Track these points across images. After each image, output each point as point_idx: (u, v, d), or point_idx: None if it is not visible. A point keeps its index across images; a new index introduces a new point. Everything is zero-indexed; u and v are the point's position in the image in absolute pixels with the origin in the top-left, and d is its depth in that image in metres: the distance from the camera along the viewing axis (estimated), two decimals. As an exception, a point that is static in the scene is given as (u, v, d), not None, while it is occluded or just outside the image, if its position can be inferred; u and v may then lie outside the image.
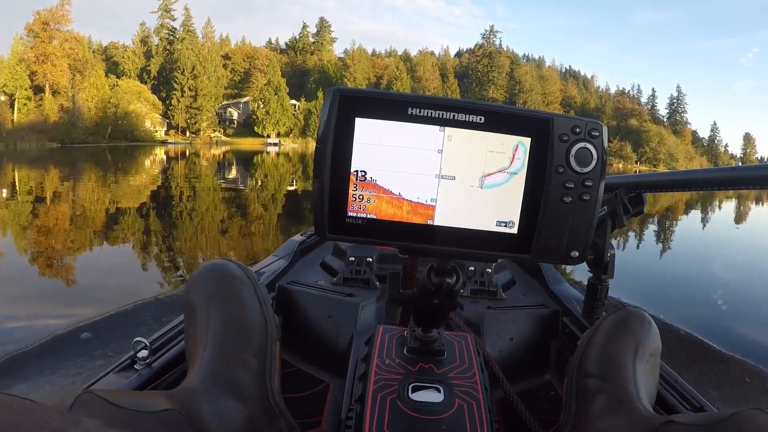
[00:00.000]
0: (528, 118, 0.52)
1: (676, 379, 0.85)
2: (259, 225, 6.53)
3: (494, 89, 68.33)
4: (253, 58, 62.19)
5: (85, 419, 0.42)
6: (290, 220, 7.32)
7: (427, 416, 0.65)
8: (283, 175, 16.61)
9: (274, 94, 54.12)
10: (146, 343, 0.81)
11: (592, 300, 1.06)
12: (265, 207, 8.43)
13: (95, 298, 3.07)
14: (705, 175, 0.87)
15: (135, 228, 5.75)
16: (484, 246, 0.55)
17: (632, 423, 0.61)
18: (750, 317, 3.80)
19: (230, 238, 5.70)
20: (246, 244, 5.45)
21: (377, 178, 0.53)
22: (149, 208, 7.47)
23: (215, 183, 12.43)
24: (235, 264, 0.77)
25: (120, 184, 10.66)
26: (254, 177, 14.84)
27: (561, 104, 73.02)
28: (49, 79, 38.28)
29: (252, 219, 6.97)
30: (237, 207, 8.16)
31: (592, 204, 0.53)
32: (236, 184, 12.75)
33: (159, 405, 0.52)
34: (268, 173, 17.06)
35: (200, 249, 5.03)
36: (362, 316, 1.09)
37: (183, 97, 49.52)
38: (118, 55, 53.28)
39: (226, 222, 6.66)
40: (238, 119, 58.08)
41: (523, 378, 1.07)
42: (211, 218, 6.79)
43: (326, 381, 1.03)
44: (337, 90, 0.52)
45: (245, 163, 22.27)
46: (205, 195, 9.19)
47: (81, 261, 4.20)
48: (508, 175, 0.53)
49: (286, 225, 6.84)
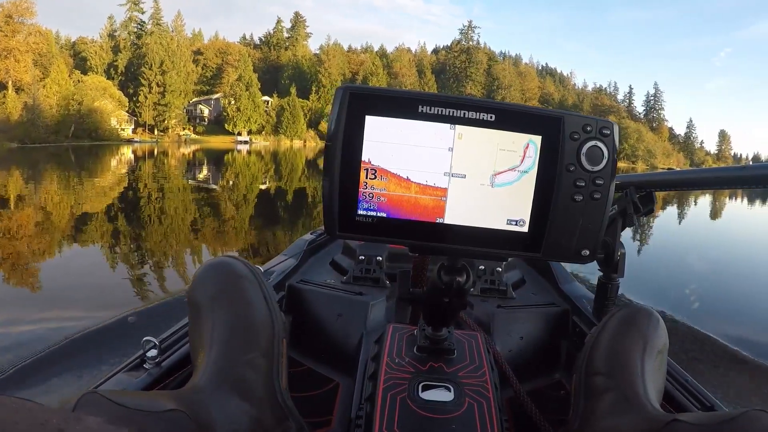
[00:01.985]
0: (539, 117, 0.52)
1: (685, 378, 0.86)
2: (231, 229, 6.43)
3: (472, 85, 68.99)
4: (225, 54, 61.46)
5: (88, 418, 0.42)
6: (266, 222, 7.26)
7: (437, 415, 0.66)
8: (255, 175, 16.46)
9: (246, 90, 53.42)
10: (156, 342, 0.81)
11: (602, 299, 1.07)
12: (237, 207, 8.36)
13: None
14: (715, 174, 0.88)
15: (99, 235, 5.60)
16: (495, 245, 0.55)
17: (639, 421, 0.61)
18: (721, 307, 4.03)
19: (203, 240, 5.65)
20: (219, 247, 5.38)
21: (387, 176, 0.53)
22: (114, 212, 7.30)
23: (183, 185, 12.27)
24: (240, 262, 0.77)
25: (85, 187, 10.36)
26: (224, 178, 14.68)
27: (539, 101, 74.00)
28: (12, 75, 37.15)
29: (223, 224, 6.87)
30: (203, 214, 8.02)
31: (603, 203, 0.54)
32: (207, 185, 12.63)
33: (164, 405, 0.52)
34: (239, 172, 16.87)
35: (167, 254, 4.94)
36: (372, 315, 1.10)
37: (151, 93, 48.48)
38: (87, 50, 52.08)
39: (198, 226, 6.57)
40: (208, 116, 57.30)
41: (533, 377, 1.09)
42: (180, 224, 6.68)
43: (336, 380, 1.05)
44: (347, 88, 0.52)
45: (215, 162, 21.81)
46: (170, 201, 9.02)
47: (39, 268, 4.11)
48: (519, 174, 0.53)
49: (261, 227, 6.79)
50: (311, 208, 8.80)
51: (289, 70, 64.49)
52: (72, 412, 0.45)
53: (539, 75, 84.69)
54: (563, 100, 77.98)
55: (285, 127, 56.26)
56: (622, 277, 1.04)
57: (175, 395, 0.57)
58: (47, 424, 0.39)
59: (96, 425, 0.43)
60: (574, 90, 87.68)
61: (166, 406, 0.52)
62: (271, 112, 57.69)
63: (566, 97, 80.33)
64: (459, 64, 72.46)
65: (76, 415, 0.44)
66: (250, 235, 6.15)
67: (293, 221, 7.45)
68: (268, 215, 7.97)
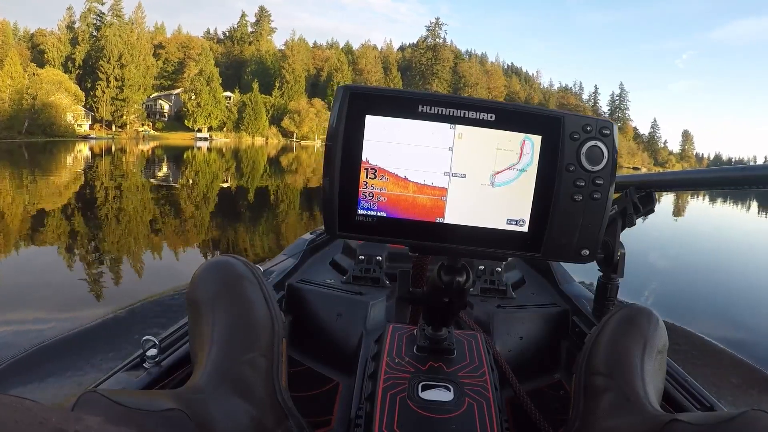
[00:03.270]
0: (539, 116, 0.53)
1: (684, 378, 0.87)
2: (190, 229, 6.26)
3: (438, 82, 69.55)
4: (188, 48, 60.53)
5: (87, 417, 0.43)
6: (227, 222, 7.10)
7: (437, 415, 0.66)
8: (216, 173, 15.89)
9: (206, 85, 52.52)
10: (155, 342, 0.81)
11: (602, 299, 1.08)
12: (196, 207, 8.16)
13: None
14: (716, 175, 0.89)
15: (54, 235, 5.35)
16: (495, 244, 0.56)
17: (639, 421, 0.62)
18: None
19: (161, 239, 5.53)
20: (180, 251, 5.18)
21: (387, 176, 0.54)
22: (69, 211, 6.97)
23: (139, 185, 11.86)
24: (240, 261, 0.78)
25: (39, 185, 9.92)
26: (184, 176, 14.03)
27: (506, 99, 75.66)
28: (-36, 68, 35.87)
29: (183, 222, 6.66)
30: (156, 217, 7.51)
31: (603, 203, 0.54)
32: (164, 186, 12.25)
33: (164, 404, 0.52)
34: (199, 170, 16.39)
35: (124, 254, 4.76)
36: (372, 315, 1.11)
37: (108, 87, 47.30)
38: (45, 42, 50.57)
39: (156, 226, 6.34)
40: (169, 112, 56.11)
41: (533, 377, 1.09)
42: (137, 223, 6.45)
43: (336, 380, 1.05)
44: (347, 88, 0.52)
45: (173, 160, 21.01)
46: (122, 201, 8.52)
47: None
48: (518, 172, 0.54)
49: (222, 226, 6.68)
50: (274, 208, 8.72)
51: (253, 65, 64.06)
52: (71, 411, 0.45)
53: (505, 74, 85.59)
54: (529, 98, 79.14)
55: (246, 124, 55.65)
56: (621, 277, 1.05)
57: (174, 395, 0.57)
58: (46, 423, 0.39)
59: (95, 424, 0.43)
60: (540, 89, 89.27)
61: (165, 406, 0.52)
62: (232, 108, 56.90)
63: (532, 96, 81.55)
64: (425, 61, 72.98)
65: (76, 414, 0.44)
66: (210, 235, 6.04)
67: (255, 221, 7.27)
68: (229, 216, 7.71)
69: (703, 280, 5.16)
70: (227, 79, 59.75)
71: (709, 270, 5.77)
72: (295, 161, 25.65)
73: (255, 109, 55.98)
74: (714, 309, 3.95)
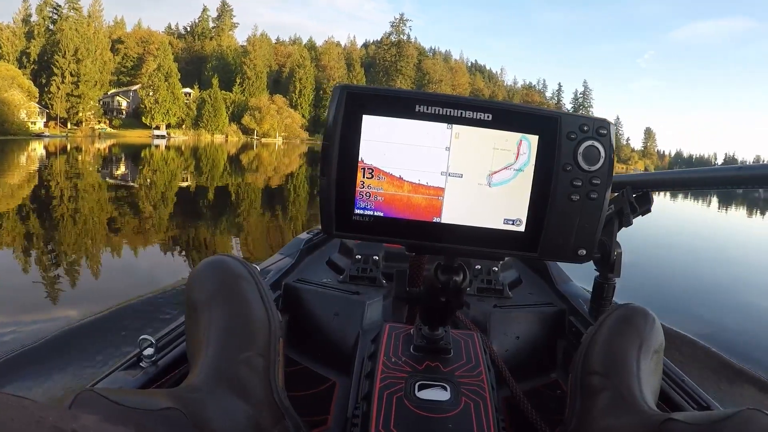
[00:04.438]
0: (535, 116, 0.53)
1: (681, 378, 0.88)
2: (149, 229, 6.13)
3: (402, 79, 69.86)
4: (147, 43, 59.41)
5: (84, 416, 0.43)
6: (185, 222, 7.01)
7: (434, 414, 0.66)
8: (174, 172, 15.51)
9: (165, 81, 51.66)
10: (152, 341, 0.81)
11: (598, 299, 1.08)
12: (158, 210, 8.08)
13: None
14: (712, 174, 0.91)
15: (6, 237, 5.21)
16: (492, 244, 0.56)
17: (636, 420, 0.62)
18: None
19: (117, 240, 5.43)
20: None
21: (384, 176, 0.54)
22: (23, 212, 6.81)
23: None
24: (237, 260, 0.78)
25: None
26: (141, 178, 13.46)
27: (470, 96, 77.24)
28: None
29: (142, 222, 6.58)
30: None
31: (600, 202, 0.54)
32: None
33: (160, 403, 0.52)
34: (157, 169, 15.99)
35: (78, 255, 4.65)
36: (369, 314, 1.11)
37: (64, 83, 46.12)
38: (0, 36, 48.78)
39: (113, 227, 6.24)
40: (126, 109, 54.95)
41: (530, 377, 1.10)
42: (91, 224, 6.32)
43: (332, 379, 1.05)
44: (344, 87, 0.53)
45: (129, 160, 20.30)
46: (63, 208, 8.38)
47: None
48: (515, 172, 0.54)
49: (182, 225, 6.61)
50: (235, 208, 8.60)
51: (213, 61, 63.50)
52: (69, 410, 0.45)
53: (469, 71, 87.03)
54: (493, 95, 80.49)
55: (206, 121, 54.86)
56: (618, 276, 1.06)
57: (171, 393, 0.57)
58: (43, 422, 0.39)
59: (92, 423, 0.43)
60: (504, 87, 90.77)
61: (162, 405, 0.52)
62: (191, 104, 56.03)
63: (496, 93, 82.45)
64: (390, 58, 73.23)
65: (73, 412, 0.44)
66: (169, 234, 5.95)
67: (215, 222, 7.11)
68: (187, 218, 7.45)
69: (661, 274, 5.25)
70: (187, 75, 59.16)
71: (667, 262, 5.95)
72: (255, 159, 25.42)
73: (215, 106, 55.33)
74: (669, 301, 4.09)
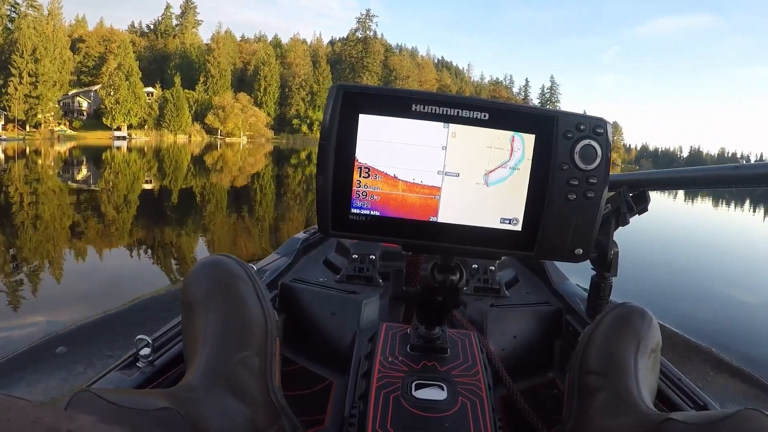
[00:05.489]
0: (532, 115, 0.54)
1: (678, 377, 0.88)
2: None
3: (368, 75, 70.37)
4: (109, 42, 57.86)
5: (80, 416, 0.43)
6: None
7: (431, 414, 0.66)
8: (137, 174, 15.15)
9: (125, 80, 50.66)
10: (149, 341, 0.81)
11: (595, 298, 1.09)
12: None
13: None
14: (709, 173, 0.91)
15: None
16: (488, 243, 0.57)
17: (633, 420, 0.63)
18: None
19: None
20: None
21: (381, 175, 0.55)
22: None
23: None
24: (233, 260, 0.78)
25: None
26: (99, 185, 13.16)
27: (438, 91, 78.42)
28: None
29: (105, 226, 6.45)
30: None
31: (597, 201, 0.55)
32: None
33: (157, 403, 0.52)
34: (119, 170, 15.55)
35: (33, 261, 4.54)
36: (365, 314, 1.11)
37: (21, 83, 44.46)
38: None
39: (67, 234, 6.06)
40: (87, 110, 53.68)
41: (527, 376, 1.10)
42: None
43: (329, 379, 1.05)
44: (340, 87, 0.53)
45: (84, 164, 19.11)
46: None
47: None
48: (510, 170, 0.54)
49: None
50: (200, 212, 8.33)
51: (177, 59, 62.75)
52: (64, 410, 0.45)
53: (436, 68, 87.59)
54: (460, 91, 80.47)
55: (168, 121, 53.83)
56: (615, 276, 1.07)
57: (167, 393, 0.57)
58: (39, 422, 0.39)
59: (88, 423, 0.43)
60: (471, 82, 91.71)
61: (158, 405, 0.52)
62: (153, 104, 54.95)
63: (463, 89, 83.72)
64: (356, 54, 73.72)
65: (69, 413, 0.44)
66: (134, 238, 5.85)
67: (178, 228, 6.87)
68: (150, 221, 7.24)
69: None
70: (151, 74, 58.45)
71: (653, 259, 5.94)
72: (220, 160, 24.97)
73: (177, 105, 54.38)
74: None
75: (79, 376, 1.96)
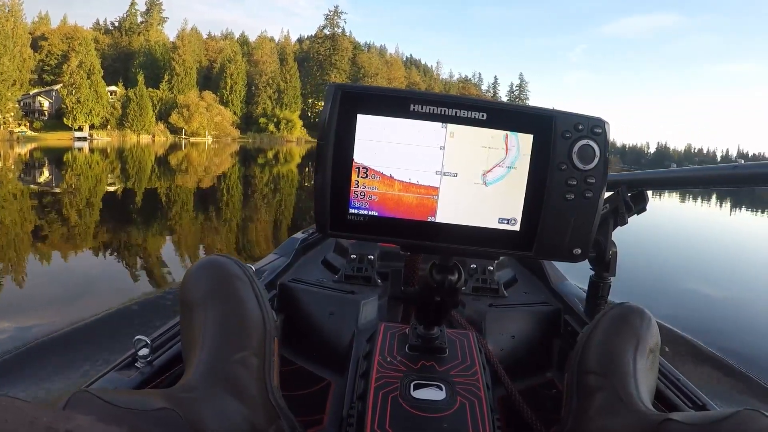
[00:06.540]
0: (530, 115, 0.54)
1: (677, 377, 0.88)
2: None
3: (337, 73, 70.36)
4: (72, 39, 55.27)
5: (78, 416, 0.43)
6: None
7: (429, 414, 0.66)
8: (100, 176, 14.85)
9: (87, 78, 49.13)
10: (147, 341, 0.81)
11: (594, 298, 1.09)
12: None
13: None
14: (707, 173, 0.92)
15: None
16: (486, 243, 0.57)
17: (632, 420, 0.63)
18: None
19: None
20: None
21: (379, 175, 0.55)
22: None
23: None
24: (231, 260, 0.78)
25: None
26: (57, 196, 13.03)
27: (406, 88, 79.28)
28: None
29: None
30: None
31: (595, 201, 0.55)
32: None
33: (155, 404, 0.52)
34: (81, 173, 15.29)
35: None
36: (364, 314, 1.12)
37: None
38: None
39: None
40: (49, 110, 52.21)
41: (525, 376, 1.10)
42: None
43: (328, 379, 1.05)
44: (338, 86, 0.53)
45: (41, 169, 18.29)
46: None
47: None
48: (506, 169, 0.55)
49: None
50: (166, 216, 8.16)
51: (141, 57, 61.46)
52: (63, 411, 0.45)
53: (405, 65, 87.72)
54: (429, 89, 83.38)
55: (131, 121, 52.36)
56: (614, 276, 1.07)
57: (166, 394, 0.57)
58: (37, 422, 0.39)
59: (86, 423, 0.43)
60: (440, 80, 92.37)
61: (157, 405, 0.52)
62: (116, 103, 53.39)
63: (432, 87, 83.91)
64: (324, 51, 73.61)
65: (67, 413, 0.44)
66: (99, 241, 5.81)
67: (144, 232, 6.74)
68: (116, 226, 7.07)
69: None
70: (115, 73, 57.33)
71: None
72: (185, 160, 24.57)
73: (140, 104, 52.92)
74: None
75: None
